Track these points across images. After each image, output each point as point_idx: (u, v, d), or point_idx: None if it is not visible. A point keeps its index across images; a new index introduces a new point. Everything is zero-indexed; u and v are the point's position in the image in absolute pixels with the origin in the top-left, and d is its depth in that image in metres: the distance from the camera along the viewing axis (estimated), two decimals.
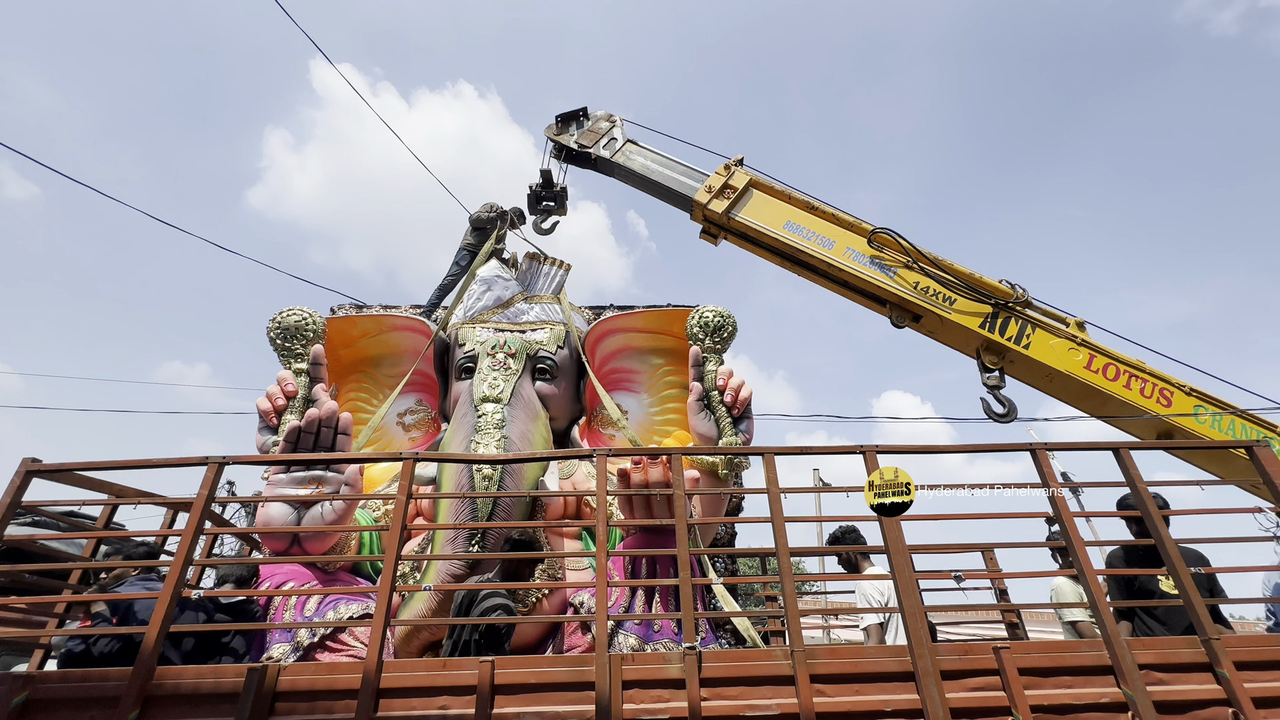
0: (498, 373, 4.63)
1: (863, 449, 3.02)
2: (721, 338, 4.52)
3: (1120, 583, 3.49)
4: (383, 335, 5.42)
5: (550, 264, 5.75)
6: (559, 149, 6.46)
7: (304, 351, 4.38)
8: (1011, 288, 5.02)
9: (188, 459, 3.03)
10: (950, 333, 5.17)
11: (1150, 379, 4.67)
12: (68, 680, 2.52)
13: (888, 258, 5.26)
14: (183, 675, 2.53)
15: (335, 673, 2.55)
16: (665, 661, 2.58)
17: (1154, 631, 3.31)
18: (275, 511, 3.56)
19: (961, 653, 2.61)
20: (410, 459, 3.00)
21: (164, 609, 2.60)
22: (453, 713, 2.45)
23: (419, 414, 5.40)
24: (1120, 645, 2.56)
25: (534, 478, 4.12)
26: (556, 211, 6.71)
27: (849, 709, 2.46)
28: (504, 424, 4.20)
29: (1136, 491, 3.00)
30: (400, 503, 2.86)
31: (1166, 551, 2.83)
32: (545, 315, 5.41)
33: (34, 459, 3.00)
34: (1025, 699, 2.45)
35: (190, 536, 2.76)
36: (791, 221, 5.52)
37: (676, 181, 5.94)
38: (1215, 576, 3.37)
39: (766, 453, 3.04)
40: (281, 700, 2.47)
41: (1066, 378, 4.78)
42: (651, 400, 5.39)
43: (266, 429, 4.10)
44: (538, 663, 2.60)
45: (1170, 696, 2.49)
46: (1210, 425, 4.53)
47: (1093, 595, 2.72)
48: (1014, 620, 4.39)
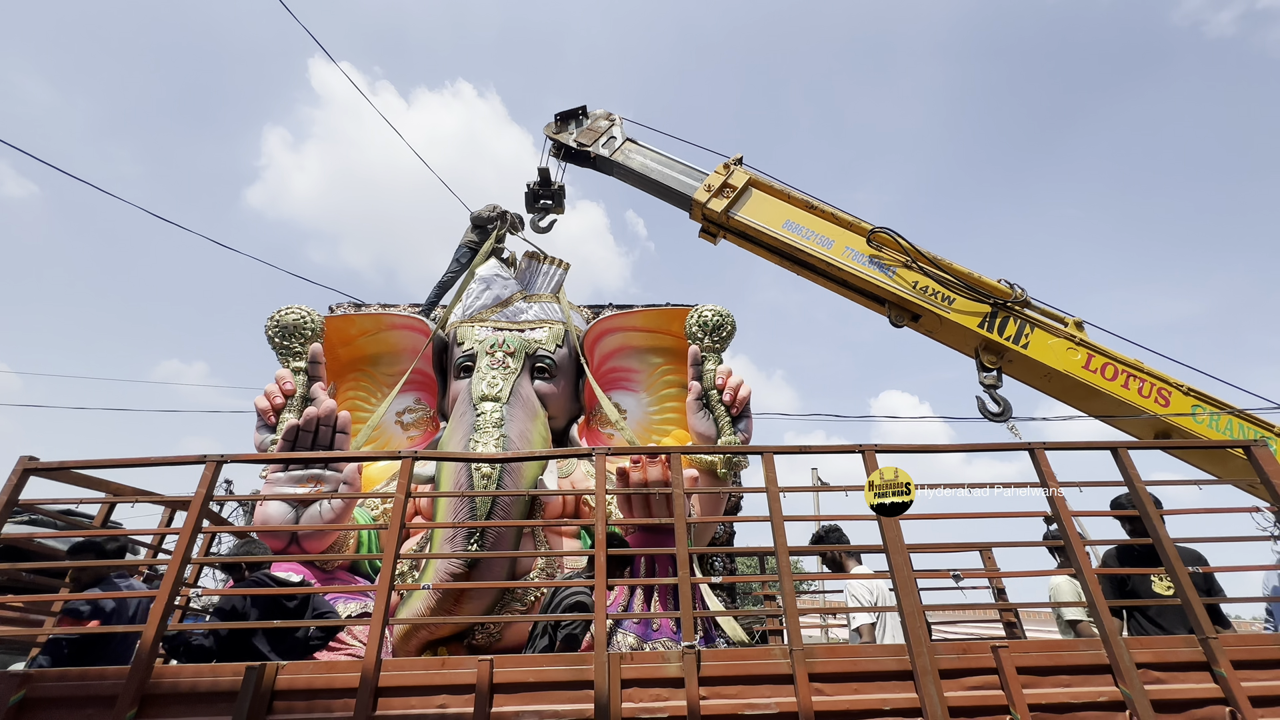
0: (496, 371, 4.63)
1: (862, 448, 3.02)
2: (720, 337, 4.52)
3: (1114, 583, 3.49)
4: (381, 334, 5.41)
5: (549, 263, 5.74)
6: (558, 147, 6.45)
7: (302, 350, 4.38)
8: (1010, 287, 5.03)
9: (186, 457, 3.02)
10: (949, 332, 5.18)
11: (1148, 379, 4.68)
12: (65, 679, 2.51)
13: (887, 257, 5.27)
14: (180, 674, 2.52)
15: (333, 671, 2.54)
16: (664, 660, 2.58)
17: (1148, 632, 3.31)
18: (273, 510, 3.56)
19: (960, 652, 2.61)
20: (409, 457, 3.00)
21: (161, 607, 2.59)
22: (451, 711, 2.44)
23: (417, 412, 5.39)
24: (1118, 644, 2.56)
25: (533, 476, 4.12)
26: (554, 210, 6.71)
27: (847, 708, 2.46)
28: (503, 423, 4.20)
29: (1135, 491, 3.01)
30: (399, 501, 2.86)
31: (1165, 551, 2.84)
32: (544, 314, 5.41)
33: (31, 457, 2.99)
34: (1023, 698, 2.45)
35: (188, 535, 2.75)
36: (791, 220, 5.52)
37: (675, 180, 5.94)
38: (1213, 576, 3.38)
39: (765, 452, 3.04)
40: (279, 699, 2.46)
41: (1064, 377, 4.78)
42: (650, 399, 5.39)
43: (265, 427, 4.10)
44: (536, 661, 2.59)
45: (1168, 695, 2.49)
46: (1208, 425, 4.54)
47: (1091, 595, 2.73)
48: (1012, 619, 4.40)
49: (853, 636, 3.89)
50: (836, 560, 4.33)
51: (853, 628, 3.94)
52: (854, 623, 3.93)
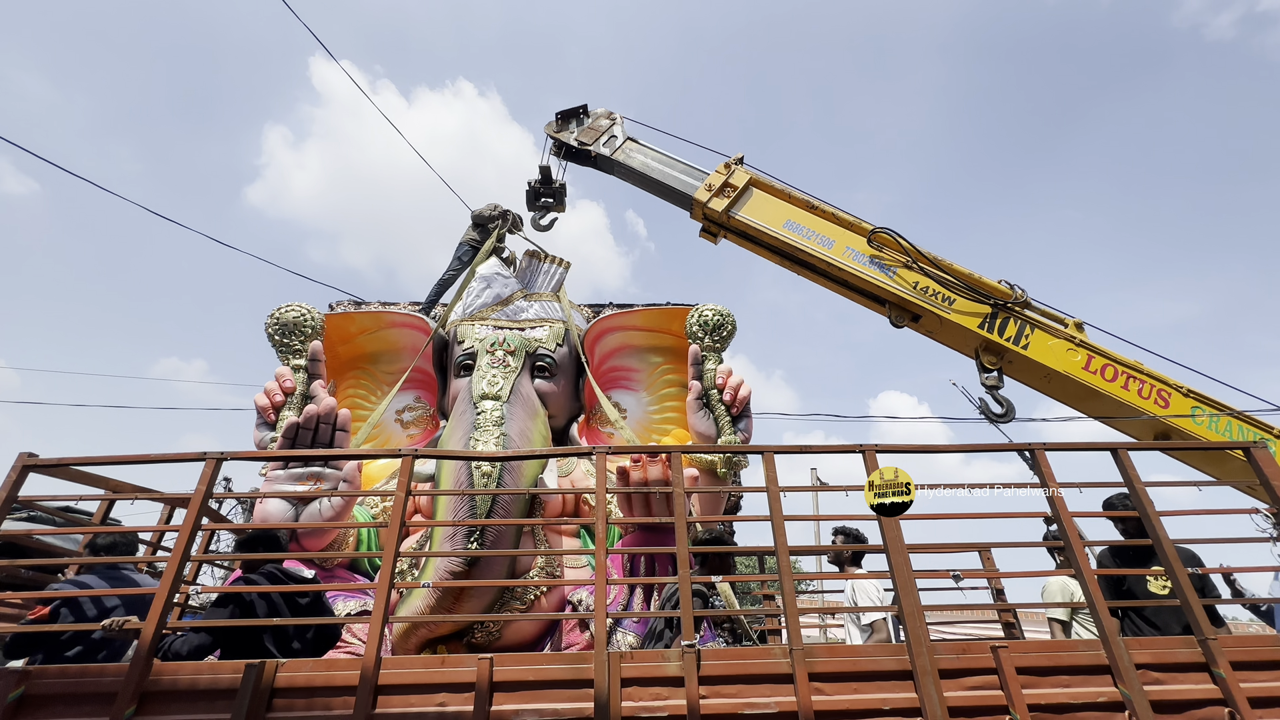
0: (497, 370, 4.63)
1: (862, 448, 3.02)
2: (720, 336, 4.52)
3: (1108, 583, 3.50)
4: (381, 332, 5.41)
5: (550, 262, 5.74)
6: (559, 146, 6.44)
7: (302, 348, 4.37)
8: (1010, 288, 5.02)
9: (185, 455, 3.02)
10: (949, 333, 5.17)
11: (1148, 380, 4.68)
12: (64, 675, 2.51)
13: (887, 257, 5.26)
14: (180, 671, 2.52)
15: (333, 669, 2.54)
16: (664, 659, 2.57)
17: (1144, 632, 3.31)
18: (273, 508, 3.56)
19: (959, 652, 2.61)
20: (409, 455, 2.99)
21: (161, 604, 2.59)
22: (451, 709, 2.44)
23: (417, 411, 5.39)
24: (1117, 645, 2.57)
25: (533, 475, 4.12)
26: (555, 209, 6.70)
27: (847, 707, 2.46)
28: (503, 421, 4.20)
29: (1134, 492, 3.01)
30: (399, 499, 2.86)
31: (1164, 551, 2.84)
32: (544, 313, 5.40)
33: (30, 454, 2.98)
34: (1023, 698, 2.45)
35: (188, 532, 2.75)
36: (791, 220, 5.52)
37: (676, 180, 5.93)
38: (1209, 577, 3.38)
39: (766, 451, 3.04)
40: (279, 696, 2.46)
41: (1065, 378, 4.78)
42: (650, 398, 5.39)
43: (264, 425, 4.09)
44: (536, 660, 2.59)
45: (1167, 696, 2.50)
46: (1207, 426, 4.54)
47: (1090, 595, 2.73)
48: (1010, 620, 4.40)
49: (864, 631, 3.89)
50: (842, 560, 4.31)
51: (864, 623, 3.93)
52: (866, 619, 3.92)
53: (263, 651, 2.76)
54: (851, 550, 4.00)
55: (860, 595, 4.00)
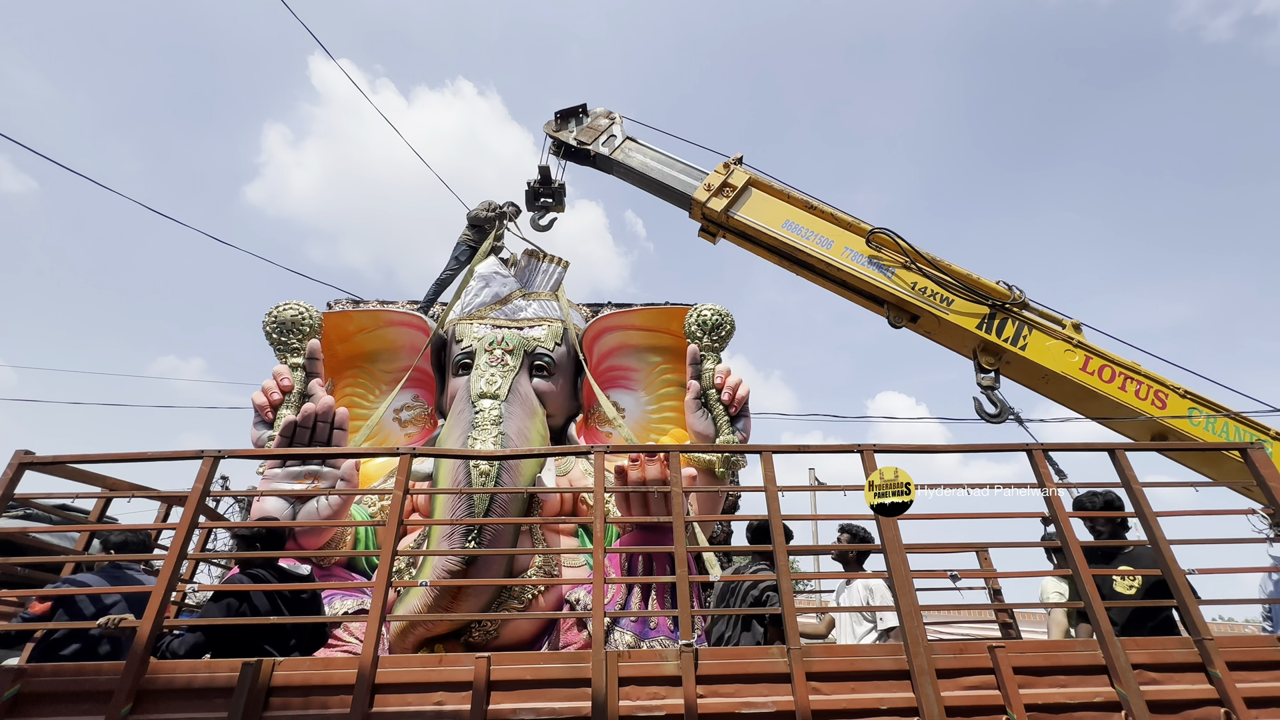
0: (495, 369, 4.62)
1: (861, 448, 3.02)
2: (719, 336, 4.52)
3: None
4: (379, 330, 5.40)
5: (548, 261, 5.74)
6: (558, 145, 6.44)
7: (300, 346, 4.36)
8: (1009, 289, 5.04)
9: (182, 453, 3.01)
10: (947, 333, 5.19)
11: (1145, 381, 4.70)
12: (60, 673, 2.50)
13: (886, 258, 5.27)
14: (176, 669, 2.51)
15: (330, 668, 2.54)
16: (661, 658, 2.57)
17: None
18: (270, 506, 3.55)
19: (957, 652, 2.62)
20: (407, 454, 2.99)
21: (158, 602, 2.58)
22: (448, 708, 2.44)
23: (415, 410, 5.38)
24: (1114, 645, 2.57)
25: (531, 474, 4.12)
26: (555, 208, 6.70)
27: (844, 707, 2.47)
28: (501, 420, 4.20)
29: (1132, 493, 3.01)
30: (397, 498, 2.85)
31: (1162, 554, 2.85)
32: (543, 312, 5.40)
33: (27, 451, 2.98)
34: (1020, 698, 2.46)
35: (185, 531, 2.74)
36: (790, 220, 5.53)
37: (675, 179, 5.93)
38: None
39: (764, 451, 3.04)
40: (276, 695, 2.45)
41: (1062, 379, 4.80)
42: (649, 398, 5.39)
43: (262, 423, 4.08)
44: (534, 659, 2.59)
45: (1163, 696, 2.50)
46: (1204, 428, 4.56)
47: (1087, 595, 2.73)
48: (1007, 620, 4.41)
49: (882, 637, 3.79)
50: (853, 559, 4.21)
51: (883, 628, 3.83)
52: (883, 623, 3.82)
53: (260, 650, 2.76)
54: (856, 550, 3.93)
55: (877, 597, 3.87)
